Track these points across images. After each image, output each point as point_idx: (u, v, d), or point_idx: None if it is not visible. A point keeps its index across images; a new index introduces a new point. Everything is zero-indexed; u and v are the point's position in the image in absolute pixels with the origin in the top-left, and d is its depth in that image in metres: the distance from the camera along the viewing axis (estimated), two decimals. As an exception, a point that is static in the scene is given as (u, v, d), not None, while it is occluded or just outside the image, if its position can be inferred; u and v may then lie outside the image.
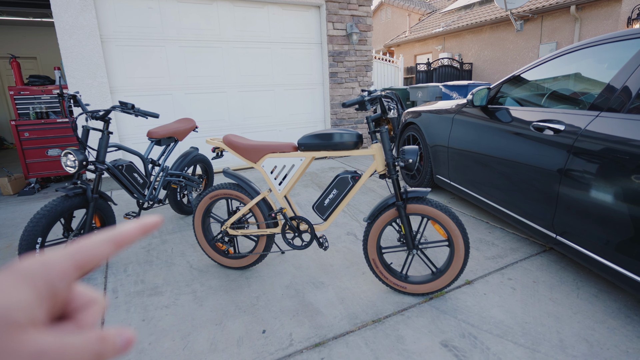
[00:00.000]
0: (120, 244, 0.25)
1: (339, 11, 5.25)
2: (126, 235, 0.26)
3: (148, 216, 0.27)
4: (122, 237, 0.26)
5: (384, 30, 18.02)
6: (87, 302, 0.26)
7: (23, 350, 0.19)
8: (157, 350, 1.57)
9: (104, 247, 0.25)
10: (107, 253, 0.25)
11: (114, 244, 0.25)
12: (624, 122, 1.59)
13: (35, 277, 0.21)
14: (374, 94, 1.74)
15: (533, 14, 9.23)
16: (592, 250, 1.72)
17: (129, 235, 0.26)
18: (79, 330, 0.24)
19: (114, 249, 0.25)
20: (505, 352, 1.49)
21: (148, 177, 2.65)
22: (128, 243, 0.26)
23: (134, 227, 0.26)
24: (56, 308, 0.23)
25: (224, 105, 4.87)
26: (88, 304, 0.26)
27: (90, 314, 0.25)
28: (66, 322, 0.24)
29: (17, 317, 0.20)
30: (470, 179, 2.70)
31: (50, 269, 0.22)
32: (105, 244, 0.25)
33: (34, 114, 4.33)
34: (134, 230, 0.26)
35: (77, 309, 0.25)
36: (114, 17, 4.06)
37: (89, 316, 0.25)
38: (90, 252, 0.24)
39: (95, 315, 0.25)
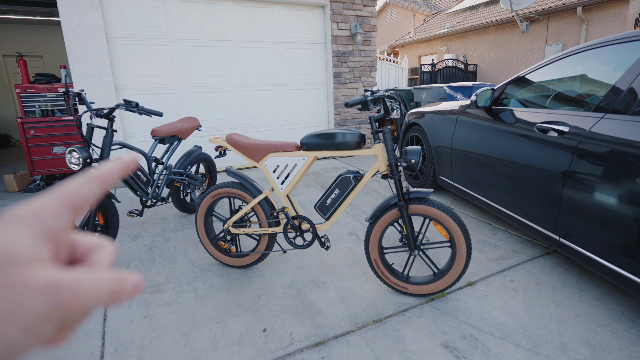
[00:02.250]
0: (104, 181, 0.26)
1: (344, 11, 5.25)
2: (108, 172, 0.26)
3: (125, 155, 0.28)
4: (105, 174, 0.26)
5: (389, 30, 17.99)
6: (94, 247, 0.26)
7: (35, 284, 0.19)
8: (159, 347, 1.57)
9: (89, 185, 0.25)
10: (94, 191, 0.25)
11: (98, 181, 0.25)
12: (630, 124, 1.58)
13: (27, 220, 0.21)
14: (376, 94, 1.74)
15: (539, 15, 9.18)
16: (596, 253, 1.71)
17: (111, 172, 0.26)
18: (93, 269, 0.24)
19: (99, 187, 0.25)
20: (506, 354, 1.48)
21: (151, 175, 2.66)
22: (111, 180, 0.26)
23: (114, 164, 0.27)
24: (61, 253, 0.23)
25: (227, 105, 4.89)
26: (95, 248, 0.26)
27: (101, 255, 0.25)
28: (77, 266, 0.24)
29: (19, 253, 0.19)
30: (473, 180, 2.69)
31: (41, 210, 0.22)
32: (90, 182, 0.25)
33: (40, 111, 4.36)
34: (114, 167, 0.27)
35: (85, 253, 0.25)
36: (120, 16, 4.08)
37: (100, 257, 0.25)
38: (77, 191, 0.24)
39: (106, 257, 0.25)
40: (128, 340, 1.63)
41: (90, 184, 0.25)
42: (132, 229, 2.89)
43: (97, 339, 1.64)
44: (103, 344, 1.61)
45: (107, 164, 0.26)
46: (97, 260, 0.25)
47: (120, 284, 0.22)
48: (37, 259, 0.20)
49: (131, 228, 2.92)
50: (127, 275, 0.23)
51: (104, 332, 1.69)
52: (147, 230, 2.87)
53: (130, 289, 0.23)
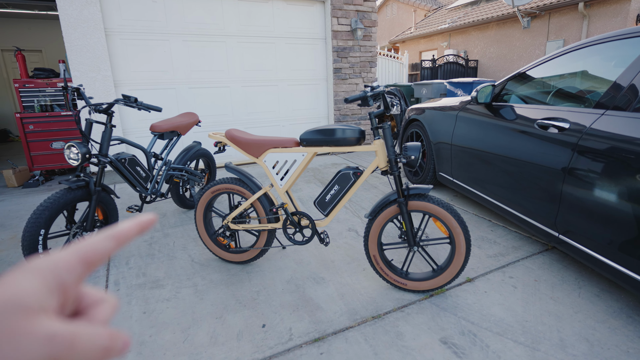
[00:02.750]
0: (120, 240, 0.27)
1: (344, 6, 5.22)
2: (125, 232, 0.28)
3: (145, 214, 0.30)
4: (122, 234, 0.28)
5: (389, 26, 17.90)
6: (98, 300, 0.27)
7: (35, 333, 0.20)
8: (158, 343, 1.58)
9: (105, 243, 0.26)
10: (110, 249, 0.27)
11: (114, 240, 0.27)
12: (630, 121, 1.57)
13: (43, 270, 0.23)
14: (376, 89, 1.73)
15: (540, 10, 9.12)
16: (595, 250, 1.71)
17: (128, 232, 0.28)
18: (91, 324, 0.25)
19: (115, 245, 0.27)
20: (505, 350, 1.49)
21: (151, 170, 2.65)
22: (128, 239, 0.28)
23: (132, 224, 0.29)
24: (68, 304, 0.24)
25: (227, 100, 4.87)
26: (99, 302, 0.27)
27: (102, 310, 0.27)
28: (79, 318, 0.26)
29: (29, 302, 0.21)
30: (473, 177, 2.68)
31: (58, 263, 0.24)
32: (107, 240, 0.27)
33: (39, 106, 4.35)
34: (132, 228, 0.28)
35: (88, 306, 0.27)
36: (119, 11, 4.06)
37: (101, 313, 0.26)
38: (94, 248, 0.26)
39: (106, 312, 0.27)
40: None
41: (107, 242, 0.27)
42: (132, 225, 2.89)
43: (96, 334, 1.64)
44: (102, 339, 1.61)
45: (126, 223, 0.28)
46: (97, 315, 0.26)
47: (114, 342, 0.24)
48: (44, 310, 0.21)
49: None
50: (120, 335, 0.25)
51: (103, 327, 1.69)
52: (147, 225, 2.87)
53: (121, 348, 0.25)
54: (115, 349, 0.24)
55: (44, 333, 0.20)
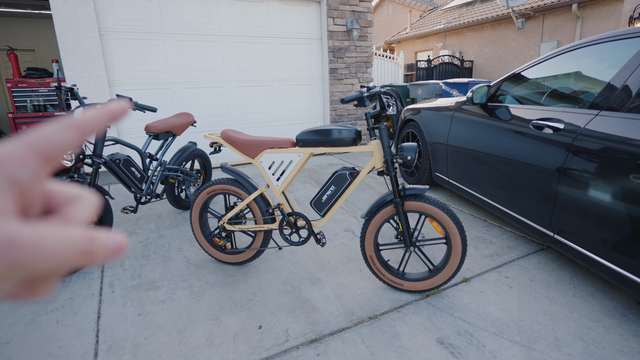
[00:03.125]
0: (83, 128, 0.23)
1: (340, 7, 5.22)
2: (90, 118, 0.23)
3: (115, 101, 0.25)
4: (85, 120, 0.23)
5: (385, 26, 17.94)
6: (72, 197, 0.23)
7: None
8: (153, 345, 1.56)
9: (65, 132, 0.22)
10: (70, 138, 0.22)
11: (76, 128, 0.22)
12: (624, 122, 1.58)
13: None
14: (373, 90, 1.73)
15: (534, 11, 9.19)
16: (590, 249, 1.72)
17: (93, 119, 0.23)
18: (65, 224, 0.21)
19: (77, 134, 0.22)
20: (501, 349, 1.49)
21: (146, 171, 2.63)
22: (92, 127, 0.23)
23: (99, 111, 0.24)
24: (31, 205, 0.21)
25: (222, 100, 4.85)
26: (73, 199, 0.23)
27: (78, 208, 0.22)
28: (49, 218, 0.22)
29: None
30: (468, 177, 2.69)
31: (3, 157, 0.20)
32: (67, 128, 0.22)
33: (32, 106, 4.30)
34: (98, 114, 0.24)
35: (60, 204, 0.23)
36: (113, 10, 4.03)
37: (76, 210, 0.22)
38: (50, 138, 0.21)
39: (83, 210, 0.23)
40: (122, 337, 1.62)
41: (68, 130, 0.22)
42: (126, 226, 2.87)
43: (90, 336, 1.63)
44: (97, 341, 1.60)
45: (92, 110, 0.23)
46: (71, 214, 0.22)
47: (94, 244, 0.20)
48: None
49: (125, 225, 2.89)
50: (106, 236, 0.21)
51: (97, 329, 1.67)
52: (142, 226, 2.85)
53: (109, 251, 0.21)
54: (97, 253, 0.20)
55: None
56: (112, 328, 1.68)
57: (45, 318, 1.75)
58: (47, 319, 1.75)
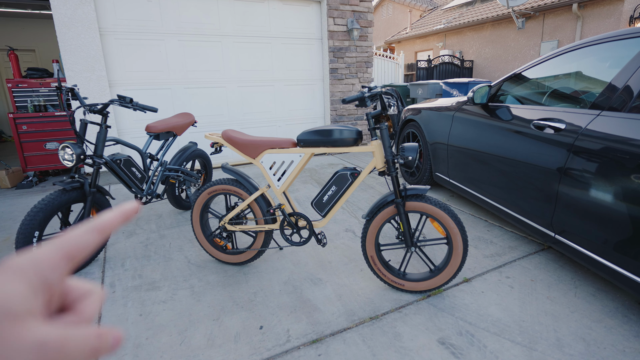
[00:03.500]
0: (104, 231, 0.26)
1: (340, 6, 5.22)
2: (109, 222, 0.27)
3: (126, 203, 0.29)
4: (105, 224, 0.26)
5: (385, 26, 17.93)
6: (84, 293, 0.26)
7: (24, 340, 0.19)
8: (154, 345, 1.56)
9: (89, 235, 0.25)
10: (93, 241, 0.25)
11: (98, 231, 0.26)
12: (625, 122, 1.58)
13: (27, 270, 0.22)
14: (374, 90, 1.73)
15: (535, 11, 9.19)
16: (591, 250, 1.72)
17: (111, 222, 0.27)
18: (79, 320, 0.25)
19: (99, 237, 0.26)
20: (502, 350, 1.49)
21: (146, 171, 2.63)
22: (111, 230, 0.27)
23: (115, 214, 0.27)
24: (53, 301, 0.24)
25: (223, 100, 4.85)
26: (85, 295, 0.26)
27: (89, 304, 0.26)
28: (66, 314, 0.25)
29: (16, 308, 0.20)
30: (469, 177, 2.69)
31: (40, 261, 0.23)
32: (90, 233, 0.25)
33: (32, 107, 4.30)
34: (115, 217, 0.27)
35: (75, 300, 0.26)
36: (113, 10, 4.02)
37: (88, 307, 0.26)
38: (77, 242, 0.25)
39: (93, 306, 0.26)
40: (123, 338, 1.61)
41: (91, 234, 0.26)
42: (127, 226, 2.87)
43: (92, 337, 1.63)
44: (98, 342, 1.59)
45: (108, 213, 0.27)
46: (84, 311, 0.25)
47: (102, 341, 0.23)
48: (31, 313, 0.21)
49: (126, 225, 2.89)
50: (109, 332, 0.24)
51: (99, 330, 1.67)
52: (142, 227, 2.85)
53: (111, 345, 0.24)
54: (103, 348, 0.23)
55: (33, 339, 0.20)
56: (113, 328, 1.68)
57: (47, 318, 1.75)
58: (48, 320, 1.74)
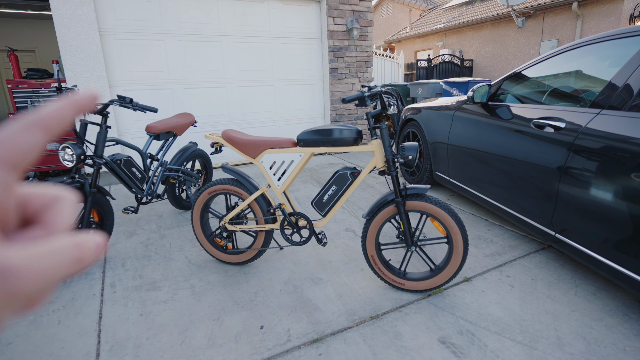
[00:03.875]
0: (47, 125, 0.20)
1: (340, 6, 5.21)
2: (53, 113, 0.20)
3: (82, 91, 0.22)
4: (48, 116, 0.20)
5: (385, 26, 17.93)
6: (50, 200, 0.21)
7: None
8: (155, 345, 1.56)
9: (29, 133, 0.19)
10: (36, 140, 0.20)
11: (40, 127, 0.20)
12: (625, 120, 1.58)
13: None
14: (374, 90, 1.72)
15: (534, 10, 9.18)
16: (591, 248, 1.72)
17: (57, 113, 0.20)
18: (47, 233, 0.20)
19: (42, 133, 0.20)
20: (503, 349, 1.49)
21: (146, 171, 2.63)
22: (57, 123, 0.20)
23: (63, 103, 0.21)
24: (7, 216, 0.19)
25: (223, 100, 4.85)
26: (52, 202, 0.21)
27: (58, 212, 0.21)
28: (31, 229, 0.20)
29: None
30: (469, 176, 2.69)
31: None
32: (30, 130, 0.19)
33: (32, 107, 4.30)
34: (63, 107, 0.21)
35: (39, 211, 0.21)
36: (113, 11, 4.02)
37: (57, 215, 0.21)
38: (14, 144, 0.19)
39: (64, 213, 0.21)
40: (124, 338, 1.62)
41: (30, 131, 0.19)
42: (128, 226, 2.87)
43: (92, 337, 1.63)
44: (99, 342, 1.60)
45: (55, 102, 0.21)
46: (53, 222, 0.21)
47: (83, 250, 0.19)
48: None
49: (126, 225, 2.89)
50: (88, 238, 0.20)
51: (99, 330, 1.67)
52: (143, 227, 2.85)
53: (93, 253, 0.20)
54: (86, 258, 0.19)
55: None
56: (114, 328, 1.68)
57: (47, 319, 1.76)
58: (48, 320, 1.75)
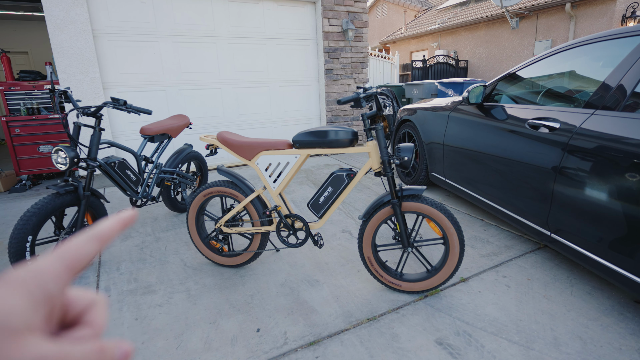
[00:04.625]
0: (104, 240, 0.26)
1: (335, 7, 5.22)
2: (108, 231, 0.26)
3: (124, 211, 0.28)
4: (105, 232, 0.26)
5: (380, 26, 17.97)
6: (89, 304, 0.26)
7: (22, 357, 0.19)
8: (151, 350, 1.55)
9: (89, 245, 0.25)
10: (94, 250, 0.25)
11: (98, 240, 0.25)
12: (619, 120, 1.59)
13: (28, 283, 0.21)
14: (369, 91, 1.72)
15: (528, 11, 9.25)
16: (586, 248, 1.73)
17: (110, 230, 0.26)
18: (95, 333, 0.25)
19: (99, 246, 0.25)
20: (500, 349, 1.49)
21: (141, 174, 2.61)
22: (110, 238, 0.26)
23: (113, 222, 0.27)
24: (54, 314, 0.23)
25: (218, 102, 4.83)
26: (90, 305, 0.26)
27: (98, 315, 0.26)
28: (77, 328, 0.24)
29: (15, 323, 0.19)
30: (465, 177, 2.70)
31: (42, 273, 0.22)
32: (91, 242, 0.25)
33: (25, 109, 4.26)
34: (114, 225, 0.27)
35: (81, 312, 0.25)
36: (106, 12, 4.00)
37: (98, 318, 0.25)
38: (78, 252, 0.24)
39: (102, 315, 0.26)
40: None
41: (91, 244, 0.25)
42: (122, 229, 2.84)
43: (87, 342, 1.61)
44: (93, 347, 1.58)
45: (107, 221, 0.27)
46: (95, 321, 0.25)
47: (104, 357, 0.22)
48: (30, 329, 0.20)
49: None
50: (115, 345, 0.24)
51: (94, 335, 1.65)
52: (138, 230, 2.83)
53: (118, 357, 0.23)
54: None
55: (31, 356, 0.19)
56: (109, 333, 1.66)
57: (40, 324, 1.73)
58: (42, 325, 1.72)
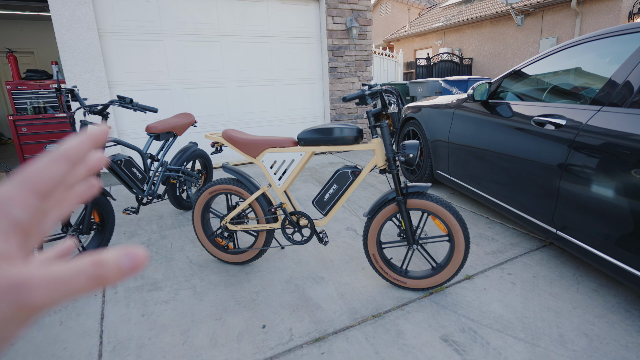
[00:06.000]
0: (70, 157, 0.23)
1: (339, 5, 5.21)
2: (76, 148, 0.23)
3: (95, 126, 0.26)
4: (72, 150, 0.23)
5: (384, 24, 17.92)
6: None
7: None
8: (157, 346, 1.57)
9: (56, 165, 0.22)
10: (61, 171, 0.22)
11: (65, 159, 0.23)
12: (626, 117, 1.58)
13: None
14: (374, 88, 1.72)
15: (534, 8, 9.17)
16: (592, 245, 1.72)
17: (79, 147, 0.23)
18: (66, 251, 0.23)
19: (68, 164, 0.23)
20: (505, 346, 1.49)
21: (147, 172, 2.63)
22: (79, 156, 0.23)
23: (82, 138, 0.24)
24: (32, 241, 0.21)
25: (223, 100, 4.85)
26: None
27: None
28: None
29: None
30: (470, 174, 2.69)
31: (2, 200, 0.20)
32: (57, 162, 0.22)
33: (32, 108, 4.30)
34: (83, 142, 0.24)
35: None
36: (112, 11, 4.02)
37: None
38: (42, 173, 0.22)
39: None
40: (126, 338, 1.62)
41: (57, 163, 0.22)
42: (128, 227, 2.87)
43: (94, 338, 1.63)
44: (101, 342, 1.60)
45: (75, 138, 0.24)
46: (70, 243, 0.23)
47: (103, 267, 0.20)
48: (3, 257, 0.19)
49: (127, 226, 2.89)
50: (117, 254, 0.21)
51: (101, 331, 1.67)
52: (144, 227, 2.85)
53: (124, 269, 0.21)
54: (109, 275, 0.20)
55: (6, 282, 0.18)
56: (116, 329, 1.68)
57: (49, 319, 1.76)
58: (50, 321, 1.75)
